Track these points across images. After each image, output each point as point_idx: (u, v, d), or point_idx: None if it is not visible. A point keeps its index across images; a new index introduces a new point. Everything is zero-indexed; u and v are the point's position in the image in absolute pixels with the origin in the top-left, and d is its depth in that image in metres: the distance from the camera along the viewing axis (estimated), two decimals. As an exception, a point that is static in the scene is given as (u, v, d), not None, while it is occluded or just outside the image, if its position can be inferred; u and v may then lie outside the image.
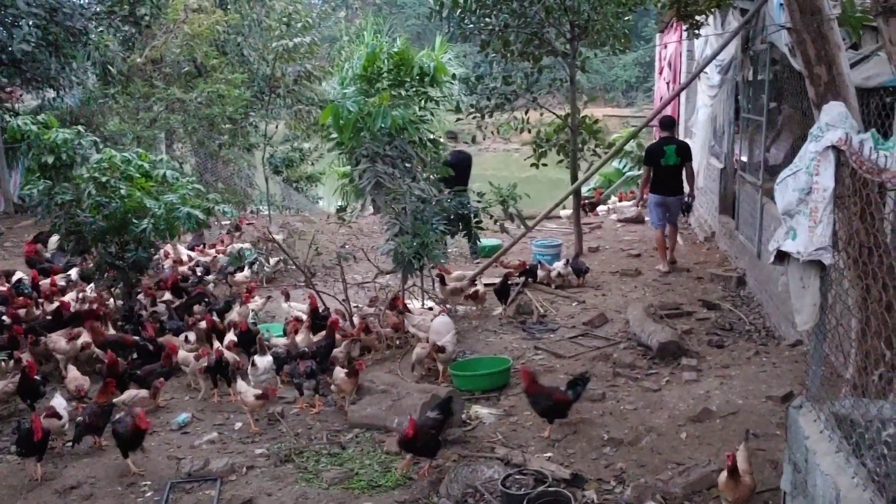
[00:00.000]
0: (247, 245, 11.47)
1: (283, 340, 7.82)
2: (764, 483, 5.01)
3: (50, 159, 8.59)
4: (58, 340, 7.64)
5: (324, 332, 7.62)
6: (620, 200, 16.78)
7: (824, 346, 3.71)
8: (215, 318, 8.35)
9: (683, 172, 10.99)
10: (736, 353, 7.54)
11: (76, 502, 5.47)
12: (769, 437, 5.64)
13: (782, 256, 3.47)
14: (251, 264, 10.87)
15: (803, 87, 5.90)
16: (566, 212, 14.20)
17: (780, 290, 5.53)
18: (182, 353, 7.34)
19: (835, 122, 3.36)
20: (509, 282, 9.30)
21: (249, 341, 7.51)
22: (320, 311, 8.25)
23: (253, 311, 8.90)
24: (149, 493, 5.50)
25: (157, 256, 9.98)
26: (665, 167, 10.77)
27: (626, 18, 11.44)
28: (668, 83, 17.27)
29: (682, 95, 15.55)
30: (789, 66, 7.51)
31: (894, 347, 3.55)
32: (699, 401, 6.38)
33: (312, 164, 18.77)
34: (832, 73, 4.84)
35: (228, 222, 13.09)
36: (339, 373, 6.65)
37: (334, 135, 8.61)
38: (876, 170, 3.05)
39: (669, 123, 11.28)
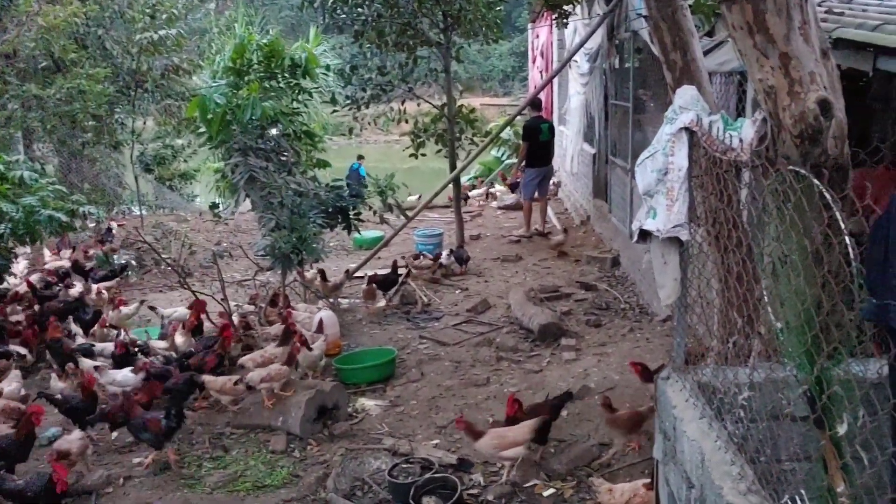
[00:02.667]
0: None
1: (162, 344, 7.50)
2: (641, 453, 5.24)
3: None
4: None
5: (202, 334, 7.38)
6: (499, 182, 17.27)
7: (688, 318, 3.89)
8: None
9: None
10: (612, 331, 7.83)
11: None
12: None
13: (645, 235, 3.61)
14: (123, 269, 10.40)
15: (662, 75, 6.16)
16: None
17: (646, 268, 5.76)
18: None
19: (687, 104, 3.52)
20: (399, 272, 9.30)
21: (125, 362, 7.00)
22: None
23: (126, 315, 8.52)
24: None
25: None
26: (542, 142, 11.88)
27: (498, 8, 11.62)
28: (541, 72, 17.69)
29: (556, 83, 15.99)
30: (652, 53, 7.83)
31: (745, 316, 3.76)
32: (578, 379, 6.59)
33: (186, 160, 18.11)
34: (686, 59, 5.09)
35: (94, 225, 12.47)
36: (228, 383, 6.37)
37: (203, 129, 8.33)
38: (725, 149, 3.21)
39: (538, 104, 12.42)
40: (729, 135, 3.25)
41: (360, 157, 18.83)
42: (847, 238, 2.21)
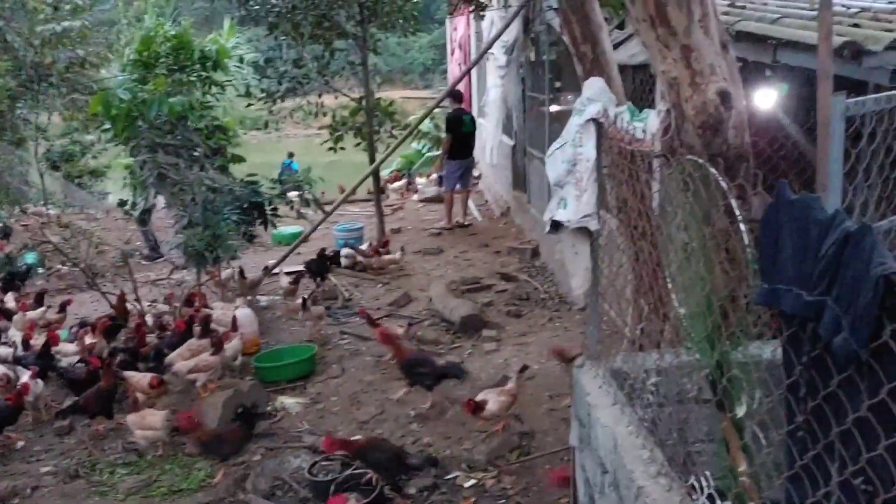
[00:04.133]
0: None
1: (72, 347, 7.19)
2: (561, 442, 5.31)
3: None
4: None
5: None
6: (420, 177, 17.28)
7: (602, 306, 3.96)
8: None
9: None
10: (532, 320, 7.92)
11: None
12: (564, 398, 5.98)
13: (557, 226, 3.64)
14: (28, 270, 9.97)
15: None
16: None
17: (557, 257, 5.83)
18: None
19: (595, 96, 3.56)
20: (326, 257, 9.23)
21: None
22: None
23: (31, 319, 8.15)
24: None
25: None
26: (464, 134, 11.94)
27: (415, 1, 11.58)
28: (459, 64, 17.72)
29: (475, 76, 16.05)
30: (567, 46, 7.94)
31: (653, 303, 3.86)
32: (499, 369, 6.64)
33: (95, 157, 17.46)
34: (596, 52, 5.17)
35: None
36: (143, 380, 6.17)
37: (108, 125, 8.04)
38: (630, 140, 3.27)
39: (458, 96, 12.39)
40: (635, 126, 3.30)
41: (291, 154, 18.67)
42: (742, 225, 2.28)
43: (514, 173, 12.18)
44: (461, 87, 14.46)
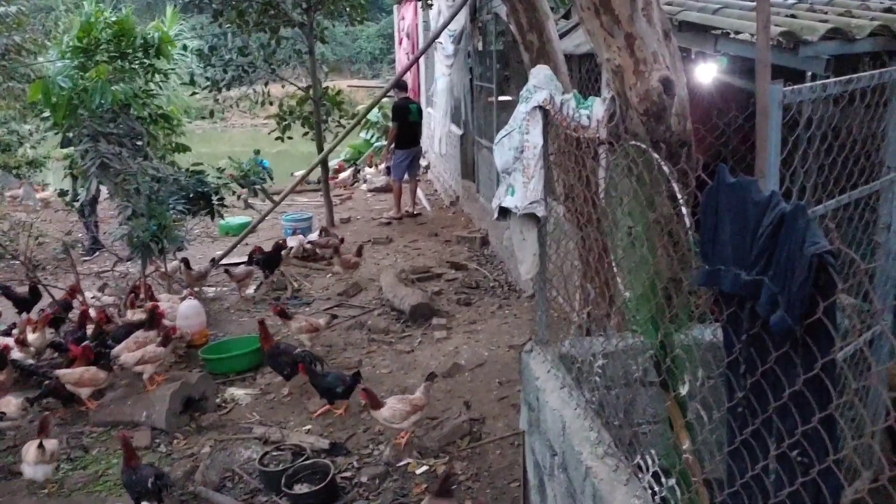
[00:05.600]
0: None
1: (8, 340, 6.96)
2: (511, 427, 5.38)
3: None
4: None
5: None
6: (369, 166, 17.18)
7: (548, 292, 4.01)
8: None
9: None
10: (482, 308, 7.97)
11: None
12: (513, 384, 6.04)
13: (505, 212, 3.68)
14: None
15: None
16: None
17: (506, 245, 5.87)
18: None
19: (541, 84, 3.60)
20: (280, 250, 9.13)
21: None
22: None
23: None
24: None
25: None
26: (411, 123, 11.94)
27: (362, -11, 11.52)
28: (407, 54, 17.67)
29: (423, 65, 16.02)
30: (514, 35, 7.98)
31: (598, 288, 3.93)
32: (450, 357, 6.68)
33: (34, 147, 16.93)
34: (542, 40, 5.22)
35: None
36: (85, 373, 6.03)
37: (47, 114, 7.81)
38: (576, 127, 3.32)
39: (403, 85, 12.31)
40: (580, 113, 3.35)
41: (258, 152, 18.42)
42: (683, 209, 2.34)
43: (462, 163, 12.22)
44: (409, 76, 14.45)
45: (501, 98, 9.76)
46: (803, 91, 3.18)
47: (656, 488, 2.57)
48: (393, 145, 12.15)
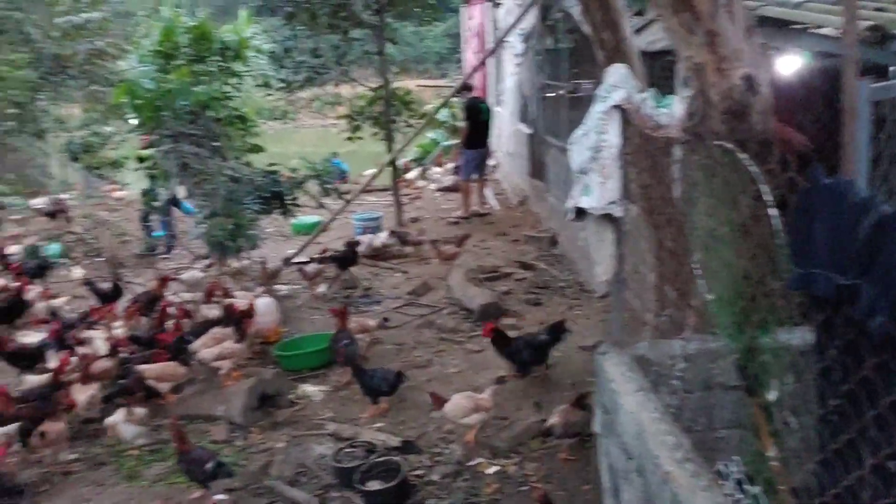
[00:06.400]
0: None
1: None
2: (584, 429, 5.32)
3: None
4: None
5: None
6: (437, 166, 17.24)
7: (624, 294, 3.96)
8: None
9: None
10: (551, 308, 7.92)
11: None
12: (584, 386, 5.98)
13: (580, 213, 3.65)
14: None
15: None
16: None
17: (581, 245, 5.82)
18: None
19: (618, 82, 3.56)
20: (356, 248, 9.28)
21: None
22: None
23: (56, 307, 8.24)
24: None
25: None
26: (482, 122, 11.90)
27: (432, -11, 11.59)
28: (475, 53, 17.67)
29: (491, 65, 16.01)
30: (584, 33, 7.90)
31: (678, 290, 3.86)
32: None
33: (115, 148, 17.60)
34: (617, 38, 5.15)
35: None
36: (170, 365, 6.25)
37: (131, 115, 8.09)
38: (655, 126, 3.27)
39: (470, 86, 12.36)
40: (659, 112, 3.30)
41: (335, 154, 18.77)
42: (772, 210, 2.27)
43: (531, 162, 12.16)
44: (477, 75, 14.46)
45: (571, 96, 9.68)
46: (893, 87, 3.07)
47: (738, 496, 2.51)
48: (462, 145, 12.17)
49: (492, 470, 5.04)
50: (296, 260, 9.56)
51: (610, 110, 3.44)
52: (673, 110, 3.33)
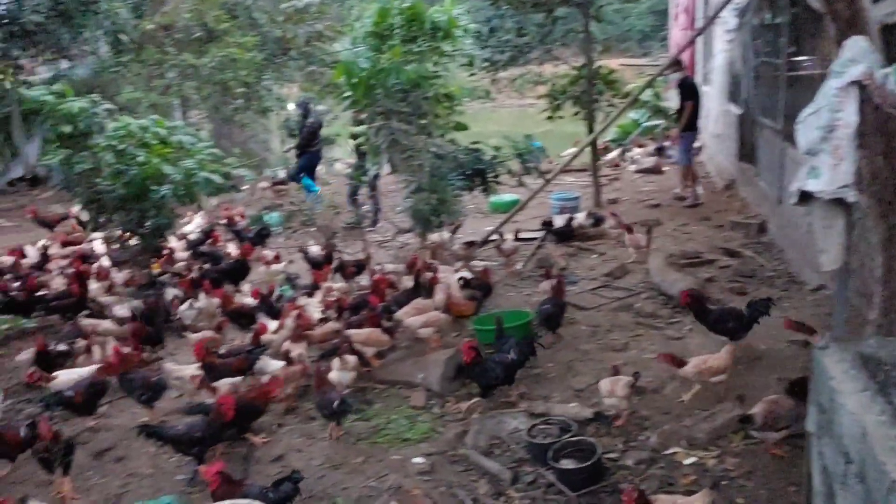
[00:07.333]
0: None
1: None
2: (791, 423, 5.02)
3: (68, 129, 8.61)
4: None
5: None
6: (638, 146, 16.80)
7: (849, 287, 3.69)
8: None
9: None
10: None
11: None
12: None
13: (806, 197, 3.42)
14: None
15: (819, 29, 5.77)
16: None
17: (805, 232, 5.47)
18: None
19: (858, 57, 3.29)
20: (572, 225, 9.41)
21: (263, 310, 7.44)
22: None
23: (274, 272, 8.95)
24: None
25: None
26: (699, 103, 11.40)
27: (641, -36, 11.24)
28: (683, 30, 16.99)
29: (700, 42, 15.31)
30: (806, 6, 7.34)
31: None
32: (722, 347, 6.36)
33: (327, 125, 18.74)
34: (853, 9, 4.73)
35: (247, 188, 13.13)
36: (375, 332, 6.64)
37: (347, 93, 8.54)
38: (900, 104, 2.99)
39: (681, 63, 11.73)
40: (905, 89, 3.02)
41: (529, 136, 18.98)
42: None
43: (740, 144, 11.52)
44: (684, 54, 13.85)
45: (790, 74, 9.04)
46: None
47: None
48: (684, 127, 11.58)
49: (689, 461, 4.89)
50: (522, 235, 9.69)
51: (847, 87, 3.19)
52: (921, 88, 3.03)
